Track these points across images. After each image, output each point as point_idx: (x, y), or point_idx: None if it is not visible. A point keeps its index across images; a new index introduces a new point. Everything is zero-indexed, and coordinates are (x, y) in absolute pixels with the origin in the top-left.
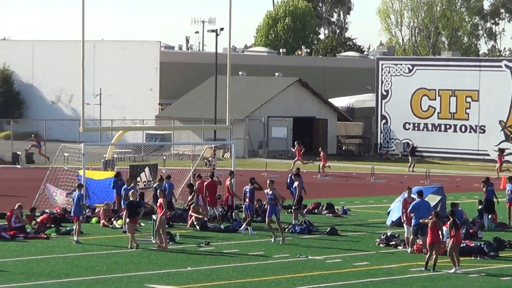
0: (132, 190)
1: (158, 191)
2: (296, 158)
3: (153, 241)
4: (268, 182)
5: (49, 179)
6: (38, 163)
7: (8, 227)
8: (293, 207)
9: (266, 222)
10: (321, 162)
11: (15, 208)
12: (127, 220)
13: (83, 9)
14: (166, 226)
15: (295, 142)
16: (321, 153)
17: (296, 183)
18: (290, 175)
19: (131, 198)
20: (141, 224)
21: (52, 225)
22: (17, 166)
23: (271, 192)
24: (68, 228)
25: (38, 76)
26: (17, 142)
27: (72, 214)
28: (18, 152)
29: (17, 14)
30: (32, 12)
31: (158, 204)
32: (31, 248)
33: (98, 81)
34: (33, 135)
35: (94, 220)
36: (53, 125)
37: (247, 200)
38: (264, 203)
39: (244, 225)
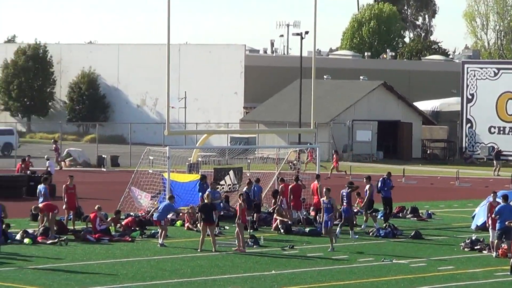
0: (207, 193)
1: (238, 194)
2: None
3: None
4: (324, 190)
5: (134, 182)
6: (123, 166)
7: (93, 230)
8: (367, 211)
9: (323, 232)
10: (332, 164)
11: (96, 210)
12: (201, 223)
13: (169, 12)
14: (252, 230)
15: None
16: (334, 156)
17: (367, 187)
18: (381, 178)
19: (205, 201)
20: (225, 227)
21: (137, 228)
22: (103, 169)
23: (327, 200)
24: (152, 231)
25: (123, 80)
26: (102, 146)
27: (155, 218)
28: (103, 156)
29: (102, 17)
30: (117, 15)
31: (237, 208)
32: (116, 251)
33: (183, 84)
34: (53, 140)
35: (178, 223)
36: (138, 129)
37: (344, 203)
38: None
39: (351, 232)
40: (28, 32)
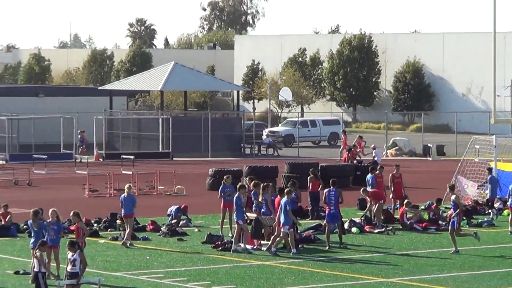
0: None
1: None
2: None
3: None
4: (448, 187)
5: (460, 171)
6: (449, 155)
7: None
8: None
9: (449, 230)
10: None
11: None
12: None
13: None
14: None
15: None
16: (343, 136)
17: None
18: None
19: None
20: None
21: (464, 217)
22: (428, 158)
23: (453, 197)
24: (479, 221)
25: (448, 69)
26: (428, 135)
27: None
28: (429, 145)
29: (427, 6)
30: (442, 4)
31: None
32: (443, 240)
33: (508, 72)
34: (79, 131)
35: (505, 212)
36: (464, 117)
37: None
38: None
39: None
40: (352, 23)
